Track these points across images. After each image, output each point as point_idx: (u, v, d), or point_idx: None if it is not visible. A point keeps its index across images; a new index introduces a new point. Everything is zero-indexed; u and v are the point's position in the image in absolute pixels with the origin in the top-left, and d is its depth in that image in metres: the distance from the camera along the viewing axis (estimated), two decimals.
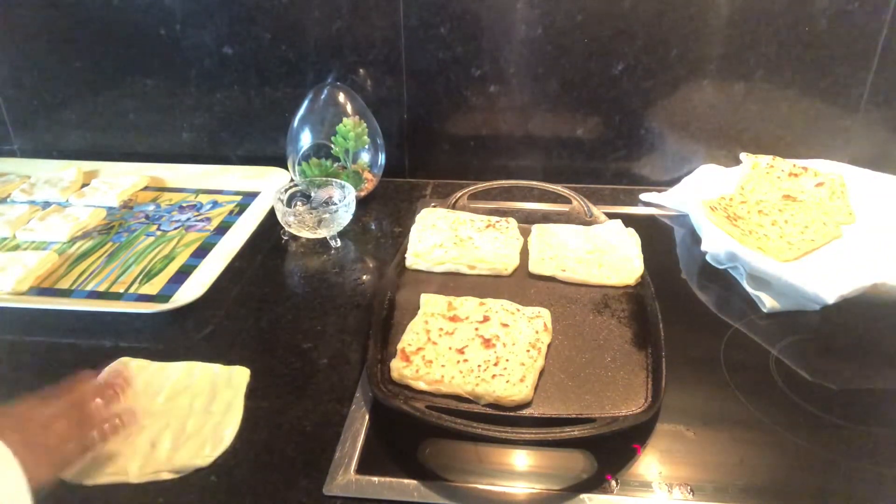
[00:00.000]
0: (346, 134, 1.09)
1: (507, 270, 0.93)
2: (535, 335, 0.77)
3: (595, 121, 1.17)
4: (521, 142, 1.21)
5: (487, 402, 0.69)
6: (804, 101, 1.12)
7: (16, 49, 1.23)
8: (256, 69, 1.19)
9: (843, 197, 1.04)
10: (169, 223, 1.10)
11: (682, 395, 0.71)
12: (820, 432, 0.68)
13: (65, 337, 0.84)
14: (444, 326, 0.79)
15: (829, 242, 0.94)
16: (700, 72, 1.11)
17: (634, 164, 1.21)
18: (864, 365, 0.79)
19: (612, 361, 0.76)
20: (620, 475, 0.63)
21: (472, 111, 1.19)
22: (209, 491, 0.62)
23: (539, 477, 0.63)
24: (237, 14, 1.15)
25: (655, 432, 0.67)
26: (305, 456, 0.65)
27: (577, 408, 0.69)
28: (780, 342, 0.81)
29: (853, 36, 1.06)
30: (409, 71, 1.16)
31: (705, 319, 0.86)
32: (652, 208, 1.14)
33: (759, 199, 1.05)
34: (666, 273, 0.94)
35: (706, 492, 0.61)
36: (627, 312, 0.84)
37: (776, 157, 1.12)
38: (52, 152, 1.32)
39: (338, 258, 1.00)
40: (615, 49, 1.10)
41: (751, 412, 0.71)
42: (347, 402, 0.72)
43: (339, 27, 1.14)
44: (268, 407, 0.72)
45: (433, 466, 0.64)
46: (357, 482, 0.62)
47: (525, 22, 1.10)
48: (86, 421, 0.61)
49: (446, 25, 1.12)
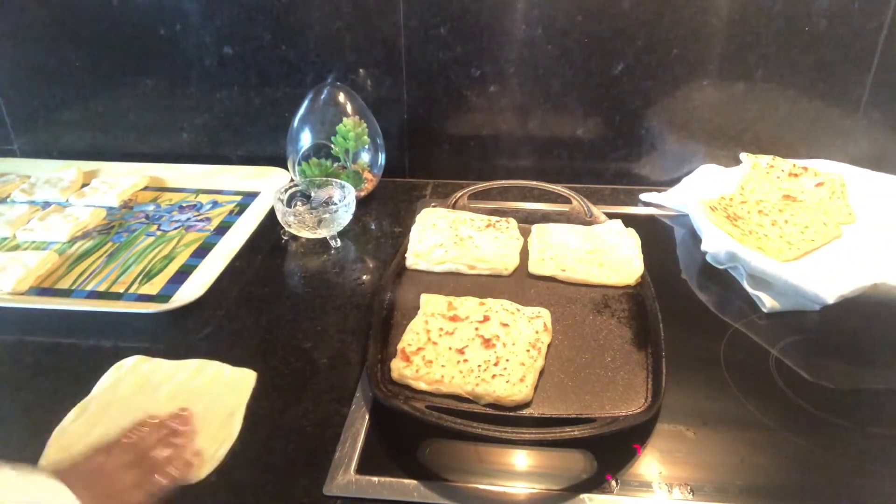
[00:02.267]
0: (346, 134, 1.09)
1: (508, 270, 0.93)
2: (535, 335, 0.77)
3: (595, 121, 1.17)
4: (521, 142, 1.21)
5: (487, 402, 0.69)
6: (804, 101, 1.12)
7: (16, 49, 1.23)
8: (256, 69, 1.19)
9: (843, 197, 1.04)
10: (169, 223, 1.10)
11: (682, 395, 0.71)
12: (820, 432, 0.68)
13: (65, 337, 0.84)
14: (444, 326, 0.79)
15: (829, 242, 0.94)
16: (700, 72, 1.11)
17: (634, 164, 1.21)
18: (864, 365, 0.79)
19: (612, 361, 0.76)
20: (620, 475, 0.63)
21: (472, 111, 1.19)
22: (209, 491, 0.62)
23: (539, 477, 0.63)
24: (237, 14, 1.15)
25: (655, 432, 0.67)
26: (305, 456, 0.65)
27: (577, 408, 0.69)
28: (780, 342, 0.81)
29: (853, 36, 1.06)
30: (409, 71, 1.16)
31: (705, 319, 0.86)
32: (652, 208, 1.14)
33: (759, 199, 1.05)
34: (666, 273, 0.94)
35: (706, 492, 0.61)
36: (627, 312, 0.84)
37: (776, 157, 1.12)
38: (52, 152, 1.32)
39: (338, 258, 1.00)
40: (615, 49, 1.10)
41: (751, 412, 0.70)
42: (347, 402, 0.72)
43: (339, 27, 1.14)
44: (268, 407, 0.72)
45: (433, 466, 0.64)
46: (357, 482, 0.62)
47: (525, 22, 1.10)
48: (151, 467, 0.60)
49: (446, 25, 1.12)
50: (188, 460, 0.63)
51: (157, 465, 0.61)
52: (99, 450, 0.60)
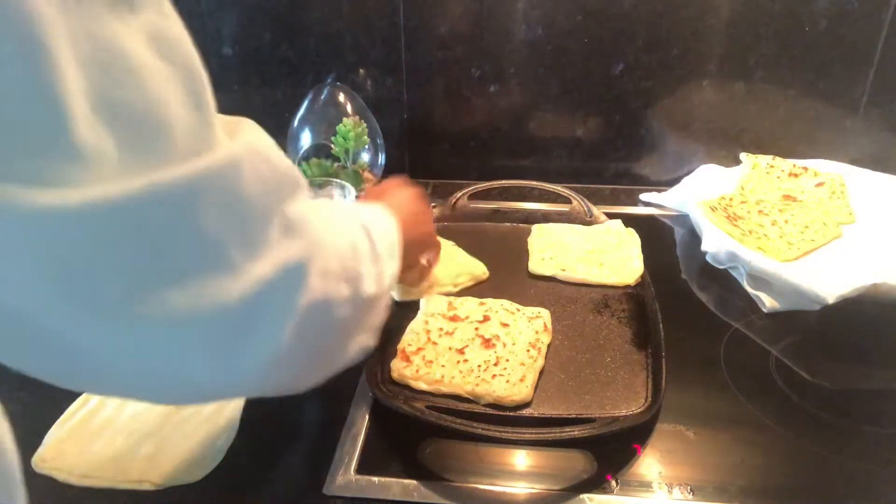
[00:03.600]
0: (346, 134, 1.09)
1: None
2: (535, 335, 0.77)
3: (595, 121, 1.17)
4: (521, 142, 1.21)
5: (487, 402, 0.69)
6: (804, 101, 1.12)
7: None
8: (256, 69, 1.19)
9: (843, 197, 1.04)
10: None
11: (682, 395, 0.71)
12: (820, 432, 0.68)
13: None
14: (444, 326, 0.79)
15: (829, 242, 0.94)
16: (700, 72, 1.11)
17: (634, 164, 1.21)
18: (864, 365, 0.79)
19: (612, 361, 0.76)
20: (620, 475, 0.63)
21: (472, 111, 1.19)
22: (209, 491, 0.62)
23: (539, 477, 0.63)
24: (237, 14, 1.15)
25: (655, 432, 0.67)
26: (305, 456, 0.65)
27: (577, 408, 0.69)
28: (780, 342, 0.81)
29: (853, 36, 1.06)
30: (409, 71, 1.16)
31: (705, 319, 0.86)
32: (652, 208, 1.14)
33: (759, 199, 1.05)
34: (666, 273, 0.94)
35: (706, 492, 0.61)
36: (627, 312, 0.84)
37: (776, 157, 1.12)
38: None
39: None
40: (615, 49, 1.10)
41: (751, 412, 0.70)
42: (347, 402, 0.72)
43: (339, 27, 1.14)
44: (268, 407, 0.71)
45: (433, 466, 0.64)
46: (357, 482, 0.62)
47: (525, 22, 1.10)
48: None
49: (446, 25, 1.12)
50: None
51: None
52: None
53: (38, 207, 0.28)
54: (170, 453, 0.65)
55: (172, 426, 0.68)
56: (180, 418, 0.69)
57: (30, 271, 0.29)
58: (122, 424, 0.68)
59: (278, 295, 0.37)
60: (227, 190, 0.34)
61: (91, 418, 0.69)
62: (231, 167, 0.34)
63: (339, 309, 0.43)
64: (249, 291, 0.34)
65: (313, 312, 0.39)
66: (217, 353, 0.35)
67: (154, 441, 0.66)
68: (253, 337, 0.36)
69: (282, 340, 0.37)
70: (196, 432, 0.67)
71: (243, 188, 0.35)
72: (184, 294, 0.32)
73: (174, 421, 0.69)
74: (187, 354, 0.34)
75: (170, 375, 0.35)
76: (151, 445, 0.66)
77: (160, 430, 0.68)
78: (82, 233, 0.29)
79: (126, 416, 0.69)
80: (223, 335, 0.35)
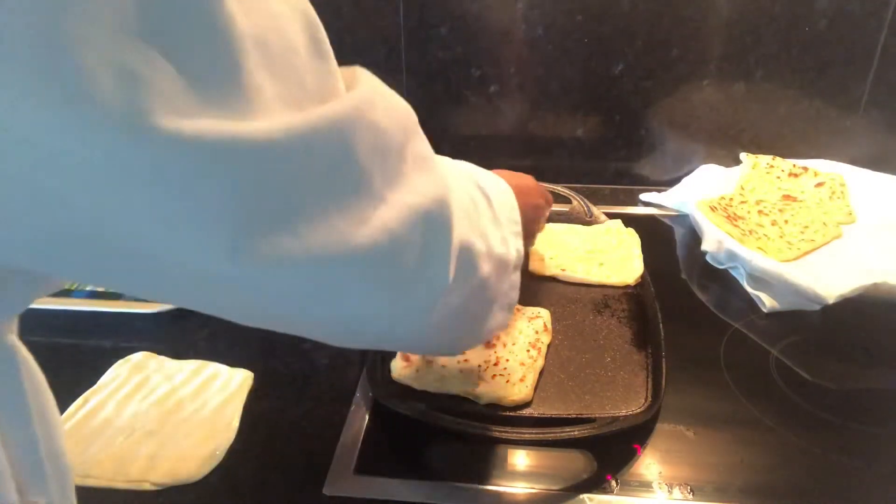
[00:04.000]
0: None
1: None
2: (535, 335, 0.77)
3: (595, 121, 1.17)
4: (521, 142, 1.21)
5: (487, 402, 0.69)
6: (804, 101, 1.12)
7: None
8: None
9: (843, 197, 1.04)
10: None
11: (682, 395, 0.71)
12: (820, 432, 0.68)
13: (65, 337, 0.84)
14: None
15: (829, 242, 0.94)
16: (700, 72, 1.11)
17: (634, 164, 1.21)
18: (864, 365, 0.79)
19: (612, 361, 0.76)
20: (620, 475, 0.63)
21: (472, 111, 1.19)
22: (208, 491, 0.62)
23: (539, 477, 0.63)
24: None
25: (655, 432, 0.67)
26: (305, 456, 0.65)
27: (577, 408, 0.69)
28: (780, 342, 0.81)
29: (853, 36, 1.06)
30: (409, 71, 1.16)
31: (705, 319, 0.86)
32: (652, 208, 1.14)
33: (759, 199, 1.05)
34: (666, 273, 0.94)
35: (706, 492, 0.61)
36: (627, 312, 0.84)
37: (776, 156, 1.12)
38: None
39: None
40: (615, 49, 1.10)
41: (751, 412, 0.70)
42: (347, 402, 0.72)
43: (339, 27, 1.14)
44: (268, 407, 0.72)
45: (433, 466, 0.64)
46: (357, 482, 0.62)
47: (525, 22, 1.10)
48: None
49: (446, 25, 1.12)
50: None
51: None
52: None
53: (223, 137, 0.28)
54: (170, 453, 0.65)
55: (172, 426, 0.68)
56: (180, 418, 0.69)
57: (208, 203, 0.29)
58: (122, 424, 0.68)
59: (434, 223, 0.38)
60: (371, 123, 0.35)
61: (91, 418, 0.69)
62: (368, 104, 0.36)
63: (480, 260, 0.44)
64: (406, 219, 0.36)
65: (463, 255, 0.41)
66: (391, 282, 0.36)
67: (154, 441, 0.66)
68: (424, 264, 0.38)
69: (447, 275, 0.38)
70: (196, 432, 0.67)
71: (380, 123, 0.36)
72: (348, 221, 0.34)
73: (174, 421, 0.69)
74: (363, 285, 0.36)
75: (345, 306, 0.36)
76: (151, 445, 0.66)
77: (160, 430, 0.68)
78: (256, 163, 0.29)
79: (126, 416, 0.69)
80: (394, 263, 0.36)
